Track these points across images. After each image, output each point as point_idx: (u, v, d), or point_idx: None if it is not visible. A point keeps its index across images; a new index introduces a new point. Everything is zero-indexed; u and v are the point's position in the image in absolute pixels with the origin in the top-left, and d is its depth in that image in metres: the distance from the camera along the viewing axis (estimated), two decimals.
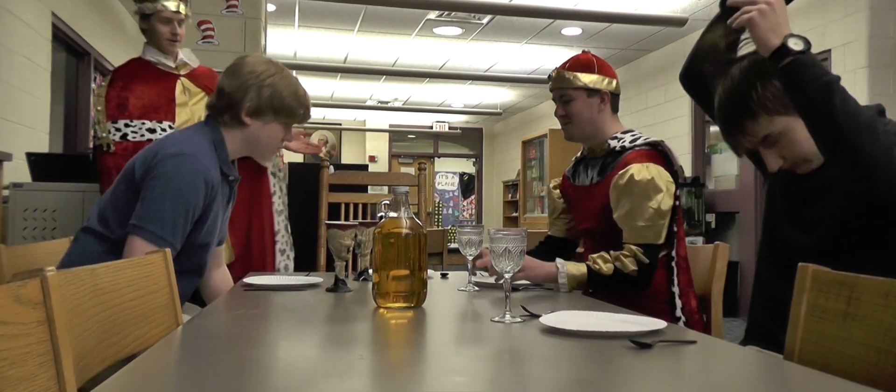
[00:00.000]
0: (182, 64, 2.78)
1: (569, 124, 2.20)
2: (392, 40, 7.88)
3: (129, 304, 1.24)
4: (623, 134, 2.17)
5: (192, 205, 1.73)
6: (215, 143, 1.86)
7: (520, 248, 1.37)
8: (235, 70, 1.89)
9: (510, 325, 1.35)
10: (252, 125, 1.89)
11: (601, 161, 2.18)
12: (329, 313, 1.58)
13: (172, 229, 1.70)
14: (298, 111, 1.91)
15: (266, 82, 1.87)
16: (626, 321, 1.30)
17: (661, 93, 7.72)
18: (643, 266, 1.97)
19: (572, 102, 2.17)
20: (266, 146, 1.93)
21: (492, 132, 14.40)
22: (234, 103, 1.87)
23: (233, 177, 1.92)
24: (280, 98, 1.87)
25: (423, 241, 1.60)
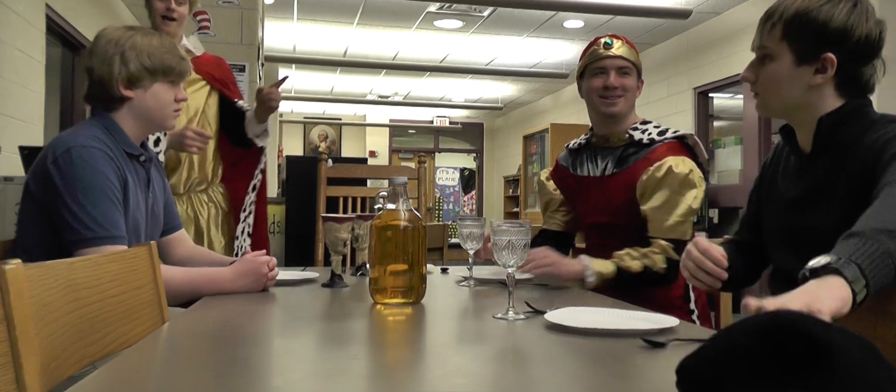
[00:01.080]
0: (185, 50, 2.67)
1: (622, 98, 2.05)
2: (392, 33, 7.79)
3: (110, 301, 1.17)
4: (643, 124, 2.08)
5: (109, 188, 1.60)
6: (107, 128, 1.72)
7: (524, 241, 1.30)
8: (93, 48, 1.76)
9: (513, 323, 1.28)
10: (134, 96, 1.75)
11: (618, 151, 2.07)
12: (324, 310, 1.51)
13: (113, 223, 1.58)
14: (172, 62, 1.76)
15: (126, 46, 1.73)
16: (636, 318, 1.23)
17: (663, 87, 7.65)
18: (672, 263, 1.88)
19: (628, 77, 2.06)
20: (158, 112, 1.78)
21: (492, 127, 14.32)
22: (106, 82, 1.73)
23: (144, 157, 1.79)
24: (147, 56, 1.73)
25: (422, 235, 1.53)
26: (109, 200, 1.57)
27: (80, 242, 1.51)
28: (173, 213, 1.97)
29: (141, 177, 1.77)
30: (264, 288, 1.70)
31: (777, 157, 1.59)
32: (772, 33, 1.41)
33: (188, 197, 2.63)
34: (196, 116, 2.63)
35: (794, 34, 1.38)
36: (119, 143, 1.70)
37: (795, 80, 1.39)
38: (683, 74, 7.38)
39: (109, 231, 1.55)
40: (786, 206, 1.47)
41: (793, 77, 1.39)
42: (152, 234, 1.81)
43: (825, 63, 1.36)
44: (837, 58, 1.35)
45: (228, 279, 1.65)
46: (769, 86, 1.43)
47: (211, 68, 2.73)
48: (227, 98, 2.71)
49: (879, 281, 0.97)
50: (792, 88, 1.40)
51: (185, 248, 1.96)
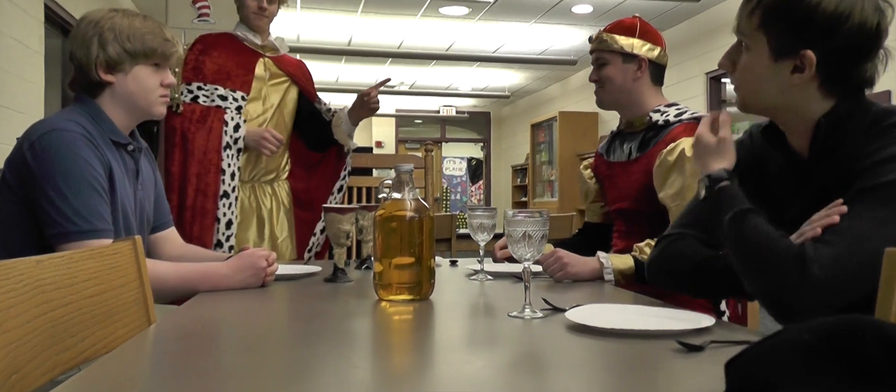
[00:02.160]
0: (270, 46, 2.63)
1: (600, 89, 2.04)
2: (397, 21, 7.67)
3: (86, 302, 1.07)
4: (667, 107, 1.98)
5: (92, 176, 1.48)
6: (91, 115, 1.61)
7: (541, 232, 1.19)
8: (74, 32, 1.65)
9: (530, 322, 1.17)
10: (116, 81, 1.63)
11: (641, 135, 2.00)
12: (324, 308, 1.41)
13: (97, 215, 1.46)
14: (155, 43, 1.64)
15: (105, 28, 1.62)
16: (668, 317, 1.12)
17: (674, 72, 7.51)
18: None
19: (606, 67, 2.00)
20: (142, 98, 1.65)
21: (500, 116, 14.19)
22: (86, 66, 1.61)
23: (132, 146, 1.67)
24: (127, 38, 1.61)
25: (430, 226, 1.42)
26: (93, 189, 1.46)
27: (61, 237, 1.40)
28: (163, 208, 1.85)
29: (129, 167, 1.66)
30: (263, 283, 1.59)
31: (757, 157, 1.34)
32: (750, 19, 1.21)
33: (252, 186, 2.59)
34: (273, 109, 2.61)
35: (773, 24, 1.18)
36: (104, 131, 1.59)
37: (771, 78, 1.19)
38: (694, 59, 7.24)
39: (94, 224, 1.44)
40: (789, 224, 1.19)
41: (769, 74, 1.19)
42: (141, 230, 1.70)
43: (803, 61, 1.15)
44: (818, 55, 1.14)
45: (224, 274, 1.54)
46: (745, 81, 1.24)
47: (292, 68, 2.71)
48: (305, 98, 2.71)
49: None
50: (768, 87, 1.20)
51: (175, 246, 1.84)
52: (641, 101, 1.99)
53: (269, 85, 2.62)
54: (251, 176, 2.59)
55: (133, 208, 1.64)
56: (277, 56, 2.68)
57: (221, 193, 2.42)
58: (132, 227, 1.61)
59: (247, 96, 2.53)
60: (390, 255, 1.39)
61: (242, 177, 2.55)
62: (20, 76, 4.24)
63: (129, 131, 1.69)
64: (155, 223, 1.80)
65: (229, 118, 2.46)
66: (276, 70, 2.64)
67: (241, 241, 2.51)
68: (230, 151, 2.45)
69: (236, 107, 2.50)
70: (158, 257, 1.81)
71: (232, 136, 2.45)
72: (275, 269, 1.63)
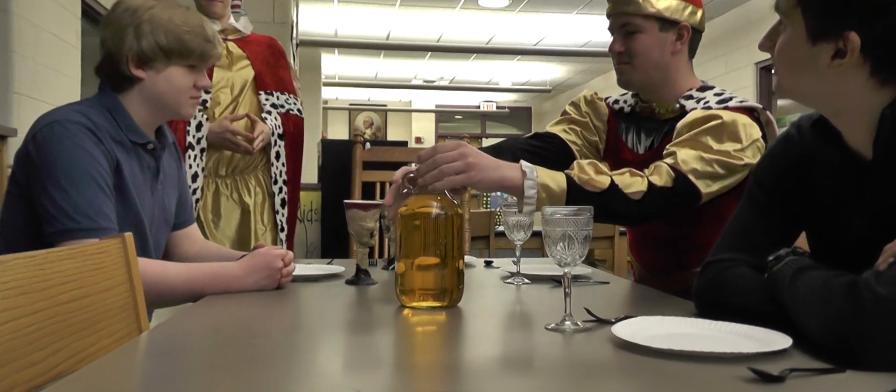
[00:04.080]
0: (231, 29, 2.50)
1: (627, 65, 1.63)
2: (435, 14, 7.53)
3: (63, 309, 0.95)
4: (701, 91, 1.62)
5: (96, 170, 1.37)
6: (110, 110, 1.49)
7: (584, 233, 1.03)
8: (109, 15, 1.53)
9: (571, 336, 1.02)
10: (146, 78, 1.51)
11: (666, 125, 1.63)
12: (343, 315, 1.27)
13: (98, 211, 1.35)
14: (194, 43, 1.52)
15: (143, 19, 1.48)
16: (732, 333, 0.96)
17: (721, 63, 7.22)
18: (656, 195, 1.39)
19: (638, 36, 1.60)
20: (172, 99, 1.53)
21: (541, 111, 13.97)
22: (115, 56, 1.49)
23: (152, 144, 1.55)
24: (164, 33, 1.48)
25: (458, 224, 1.27)
26: (96, 185, 1.35)
27: (60, 235, 1.30)
28: (186, 204, 1.75)
29: (147, 165, 1.55)
30: (278, 285, 1.47)
31: (806, 154, 1.13)
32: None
33: (233, 180, 2.46)
34: (242, 94, 2.48)
35: (810, 0, 0.99)
36: (122, 128, 1.48)
37: (809, 63, 1.00)
38: (743, 49, 6.94)
39: (95, 221, 1.32)
40: (853, 238, 1.03)
41: (806, 58, 1.01)
42: (160, 231, 1.59)
43: (845, 44, 0.96)
44: (863, 38, 0.94)
45: (236, 275, 1.42)
46: (782, 64, 1.05)
47: (259, 48, 2.56)
48: (259, 84, 2.51)
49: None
50: (806, 72, 1.02)
51: (194, 244, 1.74)
52: (675, 81, 1.62)
53: (234, 70, 2.48)
54: (230, 169, 2.46)
55: (149, 208, 1.53)
56: (241, 37, 2.53)
57: None
58: (144, 227, 1.50)
59: (210, 88, 2.39)
60: (413, 256, 1.24)
61: (221, 172, 2.44)
62: (57, 70, 4.22)
63: (154, 129, 1.58)
64: (178, 220, 1.71)
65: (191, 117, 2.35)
66: (240, 52, 2.50)
67: (220, 240, 2.39)
68: (193, 152, 2.33)
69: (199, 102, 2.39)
70: (176, 255, 1.70)
71: (194, 135, 2.33)
72: (292, 270, 1.50)
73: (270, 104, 2.51)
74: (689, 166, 1.42)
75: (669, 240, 1.70)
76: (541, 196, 1.36)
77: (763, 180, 1.19)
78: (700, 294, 1.18)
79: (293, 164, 2.57)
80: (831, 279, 0.89)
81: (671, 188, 1.41)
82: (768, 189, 1.18)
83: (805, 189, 1.11)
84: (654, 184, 1.41)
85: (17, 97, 3.81)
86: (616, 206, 1.39)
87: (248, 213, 2.46)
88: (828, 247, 1.11)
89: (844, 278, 0.87)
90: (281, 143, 2.51)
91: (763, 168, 1.21)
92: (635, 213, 1.41)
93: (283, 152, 2.52)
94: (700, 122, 1.49)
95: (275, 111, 2.51)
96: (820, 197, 1.10)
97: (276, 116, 2.51)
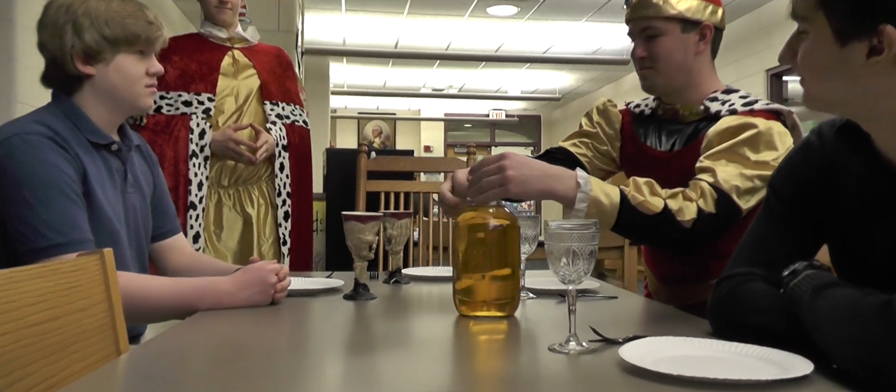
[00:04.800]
0: (238, 37, 2.45)
1: (650, 70, 1.59)
2: (443, 22, 7.49)
3: (30, 332, 0.89)
4: (725, 94, 1.58)
5: (63, 182, 1.31)
6: (67, 114, 1.42)
7: (589, 248, 0.97)
8: (43, 18, 1.45)
9: (576, 358, 0.95)
10: (95, 73, 1.44)
11: (691, 127, 1.59)
12: (339, 333, 1.22)
13: (72, 224, 1.29)
14: (137, 28, 1.45)
15: (79, 13, 1.41)
16: (752, 357, 0.89)
17: (732, 70, 7.14)
18: (705, 221, 1.35)
19: (660, 39, 1.56)
20: (126, 90, 1.46)
21: (550, 119, 13.90)
22: (59, 58, 1.42)
23: (116, 145, 1.48)
24: (105, 23, 1.41)
25: (514, 235, 1.28)
26: (65, 197, 1.29)
27: (33, 254, 1.23)
28: (168, 212, 1.68)
29: (113, 168, 1.48)
30: (273, 301, 1.41)
31: (829, 163, 1.05)
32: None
33: (235, 191, 2.40)
34: (247, 104, 2.42)
35: (833, 0, 0.92)
36: (81, 131, 1.41)
37: (839, 67, 0.93)
38: (755, 55, 6.86)
39: (67, 235, 1.26)
40: (883, 253, 0.96)
41: (835, 62, 0.93)
42: (137, 238, 1.52)
43: (881, 39, 0.88)
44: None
45: (227, 291, 1.36)
46: (809, 72, 0.98)
47: (265, 57, 2.50)
48: (264, 94, 2.46)
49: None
50: (837, 78, 0.94)
51: (183, 256, 1.67)
52: (700, 82, 1.59)
53: (241, 79, 2.42)
54: (234, 179, 2.40)
55: (121, 214, 1.46)
56: (248, 46, 2.48)
57: (188, 205, 2.26)
58: (119, 236, 1.43)
59: (214, 96, 2.35)
60: (476, 267, 1.27)
61: (224, 182, 2.38)
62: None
63: (115, 128, 1.51)
64: (158, 230, 1.63)
65: (194, 124, 2.30)
66: (246, 61, 2.44)
67: (222, 252, 2.34)
68: (196, 160, 2.29)
69: (203, 110, 2.33)
70: (163, 269, 1.64)
71: (198, 143, 2.29)
72: (287, 285, 1.45)
73: (275, 114, 2.46)
74: (731, 184, 1.38)
75: None
76: (591, 211, 1.33)
77: (780, 190, 1.12)
78: (714, 310, 1.12)
79: (299, 176, 2.51)
80: (860, 298, 0.82)
81: (716, 214, 1.37)
82: (786, 199, 1.11)
83: (827, 199, 1.04)
84: (702, 210, 1.36)
85: (21, 106, 3.79)
86: (667, 232, 1.36)
87: (251, 225, 2.41)
88: (853, 262, 1.03)
89: (875, 298, 0.80)
90: (285, 154, 2.46)
91: (781, 177, 1.14)
92: (686, 241, 1.38)
93: (288, 164, 2.47)
94: (734, 131, 1.44)
95: (280, 122, 2.46)
96: (844, 208, 1.02)
97: (281, 127, 2.46)
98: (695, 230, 1.36)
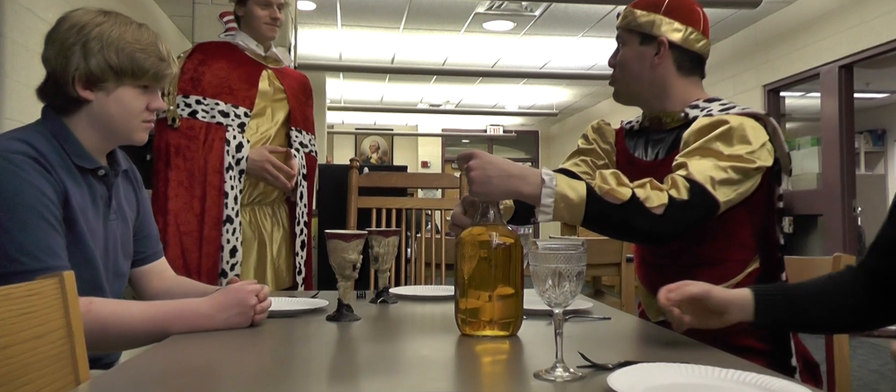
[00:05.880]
0: (273, 57, 2.43)
1: (614, 79, 1.68)
2: (440, 37, 7.48)
3: None
4: (707, 102, 1.59)
5: (42, 204, 1.25)
6: (55, 135, 1.37)
7: (576, 269, 0.93)
8: (53, 33, 1.40)
9: (563, 386, 0.90)
10: (94, 100, 1.39)
11: (673, 135, 1.61)
12: (320, 357, 1.17)
13: (47, 250, 1.23)
14: (147, 63, 1.40)
15: (92, 35, 1.36)
16: (744, 383, 0.84)
17: (729, 85, 7.12)
18: (676, 208, 1.35)
19: (622, 49, 1.65)
20: (122, 123, 1.41)
21: (548, 134, 13.89)
22: (61, 77, 1.37)
23: (103, 170, 1.42)
24: (115, 52, 1.36)
25: (517, 253, 1.27)
26: (43, 220, 1.23)
27: (5, 278, 1.16)
28: (150, 236, 1.62)
29: (98, 194, 1.42)
30: (252, 323, 1.36)
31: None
32: None
33: (251, 209, 2.36)
34: (276, 127, 2.39)
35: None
36: (67, 153, 1.36)
37: None
38: (751, 71, 6.84)
39: (41, 260, 1.20)
40: None
41: None
42: (116, 266, 1.47)
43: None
44: None
45: (204, 313, 1.31)
46: None
47: (293, 82, 2.48)
48: (292, 121, 2.45)
49: None
50: None
51: (163, 280, 1.61)
52: (669, 94, 1.62)
53: (273, 100, 2.40)
54: (252, 198, 2.36)
55: (101, 241, 1.41)
56: (279, 68, 2.46)
57: (224, 218, 2.21)
58: (96, 262, 1.37)
59: (250, 112, 2.31)
60: (480, 286, 1.26)
61: (243, 200, 2.33)
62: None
63: (105, 153, 1.46)
64: (140, 255, 1.58)
65: (231, 136, 2.24)
66: (279, 85, 2.42)
67: (243, 270, 2.29)
68: (232, 173, 2.23)
69: (238, 124, 2.28)
70: (145, 293, 1.58)
71: (234, 156, 2.23)
72: (267, 306, 1.39)
73: (299, 142, 2.44)
74: (705, 175, 1.38)
75: (674, 253, 1.60)
76: (558, 206, 1.32)
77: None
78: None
79: (310, 203, 2.52)
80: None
81: (688, 201, 1.36)
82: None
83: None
84: (673, 197, 1.36)
85: (9, 123, 3.75)
86: (636, 220, 1.34)
87: (265, 245, 2.37)
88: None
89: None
90: (304, 183, 2.46)
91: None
92: (657, 229, 1.36)
93: (306, 193, 2.47)
94: (707, 129, 1.46)
95: (302, 150, 2.45)
96: None
97: (302, 155, 2.45)
98: (666, 217, 1.34)
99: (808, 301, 1.20)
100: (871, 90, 9.11)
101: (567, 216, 1.34)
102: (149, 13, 5.72)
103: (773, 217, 1.54)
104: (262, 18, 2.32)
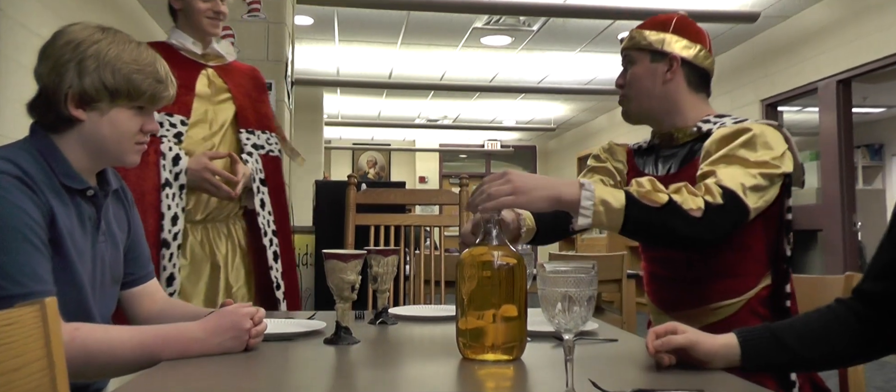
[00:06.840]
0: (213, 54, 2.20)
1: (624, 97, 1.71)
2: (438, 52, 7.46)
3: None
4: (718, 117, 1.64)
5: (27, 227, 1.19)
6: (42, 154, 1.31)
7: (587, 293, 0.88)
8: (47, 48, 1.34)
9: None
10: (86, 120, 1.33)
11: (685, 148, 1.65)
12: (317, 383, 1.12)
13: (31, 274, 1.17)
14: (144, 84, 1.35)
15: (88, 53, 1.30)
16: None
17: (727, 99, 7.10)
18: (713, 213, 1.37)
19: (632, 68, 1.68)
20: (114, 145, 1.36)
21: (545, 150, 13.87)
22: (53, 94, 1.31)
23: (91, 191, 1.36)
24: (111, 72, 1.31)
25: (522, 274, 1.23)
26: (27, 242, 1.18)
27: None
28: (141, 257, 1.56)
29: (86, 214, 1.37)
30: (247, 347, 1.31)
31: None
32: None
33: (203, 228, 2.17)
34: (221, 131, 2.18)
35: None
36: (54, 173, 1.30)
37: None
38: (749, 85, 6.83)
39: (25, 285, 1.15)
40: None
41: None
42: (105, 290, 1.41)
43: None
44: None
45: (196, 337, 1.26)
46: None
47: (242, 78, 2.26)
48: (240, 121, 2.22)
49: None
50: None
51: (154, 302, 1.55)
52: (680, 110, 1.65)
53: (216, 102, 2.17)
54: (204, 216, 2.15)
55: (89, 263, 1.35)
56: (223, 65, 2.23)
57: (161, 242, 1.99)
58: (83, 285, 1.31)
59: (187, 120, 2.09)
60: (483, 307, 1.22)
61: (192, 217, 2.13)
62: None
63: (94, 174, 1.40)
64: (130, 277, 1.52)
65: (166, 149, 2.03)
66: (222, 83, 2.18)
67: (189, 296, 2.09)
68: (170, 190, 2.02)
69: (175, 134, 2.06)
70: (135, 317, 1.53)
71: (172, 170, 2.02)
72: (263, 329, 1.34)
73: (252, 144, 2.22)
74: (736, 181, 1.41)
75: (685, 264, 1.59)
76: (598, 210, 1.35)
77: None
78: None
79: (278, 210, 2.29)
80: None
81: (723, 205, 1.38)
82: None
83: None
84: (709, 202, 1.38)
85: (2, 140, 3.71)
86: (675, 223, 1.37)
87: (218, 269, 2.16)
88: None
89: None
90: (264, 189, 2.22)
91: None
92: (696, 232, 1.37)
93: (268, 199, 2.23)
94: (730, 137, 1.49)
95: (256, 153, 2.23)
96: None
97: (257, 158, 2.22)
98: (704, 220, 1.37)
99: (798, 341, 1.18)
100: (867, 105, 9.12)
101: (606, 221, 1.36)
102: (143, 27, 5.68)
103: (782, 230, 1.54)
104: (202, 11, 2.10)
